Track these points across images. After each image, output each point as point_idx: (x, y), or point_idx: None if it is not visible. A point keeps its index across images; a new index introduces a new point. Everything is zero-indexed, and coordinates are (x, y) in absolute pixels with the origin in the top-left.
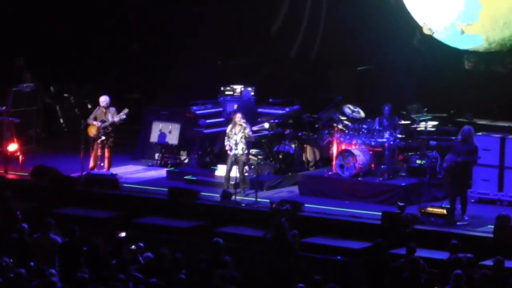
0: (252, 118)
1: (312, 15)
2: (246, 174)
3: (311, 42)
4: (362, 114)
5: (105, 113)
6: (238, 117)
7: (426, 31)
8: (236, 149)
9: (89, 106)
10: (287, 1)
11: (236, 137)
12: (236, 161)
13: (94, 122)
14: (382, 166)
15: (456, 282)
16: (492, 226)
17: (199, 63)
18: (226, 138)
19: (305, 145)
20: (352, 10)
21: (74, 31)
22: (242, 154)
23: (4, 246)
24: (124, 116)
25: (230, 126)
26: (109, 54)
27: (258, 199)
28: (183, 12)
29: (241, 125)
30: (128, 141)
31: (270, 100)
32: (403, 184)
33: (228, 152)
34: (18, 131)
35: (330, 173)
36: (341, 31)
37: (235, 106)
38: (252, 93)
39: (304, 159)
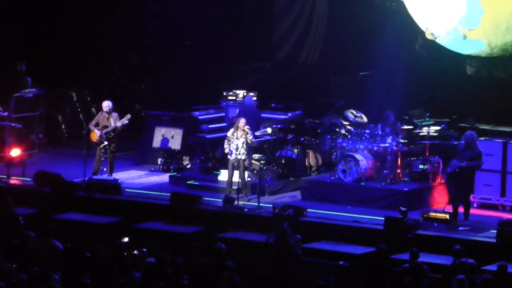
0: (255, 124)
1: (313, 21)
2: (249, 179)
3: (313, 47)
4: (365, 119)
5: (107, 118)
6: (242, 122)
7: (428, 36)
8: (237, 153)
9: (93, 110)
10: (288, 6)
11: (238, 141)
12: (237, 166)
13: (96, 129)
14: (385, 171)
15: (458, 287)
16: (495, 231)
17: (201, 68)
18: (226, 141)
19: (307, 150)
20: (354, 15)
21: (74, 33)
22: (244, 159)
23: (6, 251)
24: (127, 121)
25: (232, 130)
26: (111, 59)
27: (261, 204)
28: (185, 15)
29: (244, 130)
30: (131, 146)
31: (273, 105)
32: (405, 189)
33: (228, 156)
34: (20, 136)
35: (332, 178)
36: (343, 36)
37: (237, 111)
38: (255, 98)
39: (306, 164)
